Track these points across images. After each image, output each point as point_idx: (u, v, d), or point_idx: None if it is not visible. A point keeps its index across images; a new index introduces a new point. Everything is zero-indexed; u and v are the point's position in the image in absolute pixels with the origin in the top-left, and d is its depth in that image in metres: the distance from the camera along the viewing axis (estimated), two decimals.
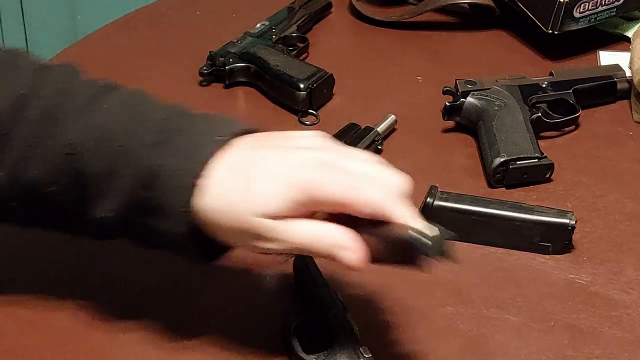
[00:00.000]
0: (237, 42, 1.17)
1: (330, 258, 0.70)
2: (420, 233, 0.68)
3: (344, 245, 0.69)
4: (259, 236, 0.70)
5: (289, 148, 0.73)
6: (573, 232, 0.91)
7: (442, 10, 1.30)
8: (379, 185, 0.70)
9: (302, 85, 1.10)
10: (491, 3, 1.26)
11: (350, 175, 0.70)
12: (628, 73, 1.14)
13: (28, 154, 0.74)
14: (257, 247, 0.71)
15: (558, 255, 0.92)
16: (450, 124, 1.09)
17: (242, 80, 1.16)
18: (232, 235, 0.72)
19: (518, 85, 1.09)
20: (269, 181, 0.70)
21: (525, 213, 0.92)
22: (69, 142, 0.73)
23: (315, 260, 0.85)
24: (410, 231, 0.68)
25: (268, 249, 0.71)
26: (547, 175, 1.01)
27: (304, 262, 0.85)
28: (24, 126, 0.73)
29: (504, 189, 1.00)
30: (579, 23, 1.18)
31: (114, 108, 0.75)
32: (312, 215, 0.71)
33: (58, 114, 0.74)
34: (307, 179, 0.70)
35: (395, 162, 1.03)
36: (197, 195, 0.71)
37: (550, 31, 1.17)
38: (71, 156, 0.73)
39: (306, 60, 1.19)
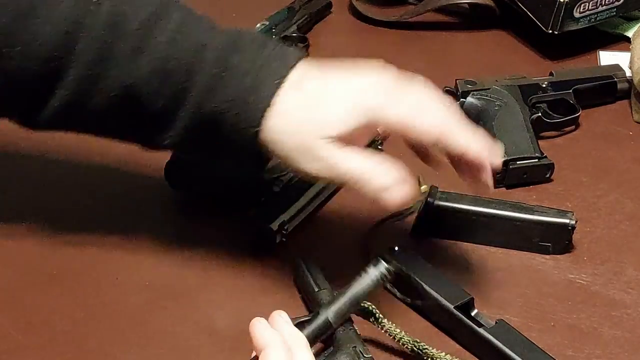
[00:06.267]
0: None
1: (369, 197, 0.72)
2: None
3: (386, 186, 0.71)
4: (315, 158, 0.71)
5: (354, 73, 0.74)
6: (573, 232, 0.91)
7: (442, 10, 1.29)
8: (439, 111, 0.73)
9: None
10: (491, 3, 1.26)
11: (412, 102, 0.72)
12: (628, 73, 1.14)
13: (85, 90, 0.73)
14: (305, 169, 0.72)
15: (558, 255, 0.92)
16: None
17: None
18: (288, 154, 0.72)
19: (518, 85, 1.09)
20: (337, 104, 0.71)
21: (525, 213, 0.92)
22: (128, 82, 0.73)
23: (315, 261, 0.85)
24: None
25: (316, 172, 0.72)
26: (547, 175, 1.01)
27: (305, 262, 0.85)
28: (79, 60, 0.72)
29: (504, 189, 1.00)
30: (579, 23, 1.18)
31: (171, 40, 0.73)
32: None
33: (113, 53, 0.73)
34: (372, 102, 0.71)
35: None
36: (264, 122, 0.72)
37: (550, 31, 1.17)
38: (131, 96, 0.73)
39: None
